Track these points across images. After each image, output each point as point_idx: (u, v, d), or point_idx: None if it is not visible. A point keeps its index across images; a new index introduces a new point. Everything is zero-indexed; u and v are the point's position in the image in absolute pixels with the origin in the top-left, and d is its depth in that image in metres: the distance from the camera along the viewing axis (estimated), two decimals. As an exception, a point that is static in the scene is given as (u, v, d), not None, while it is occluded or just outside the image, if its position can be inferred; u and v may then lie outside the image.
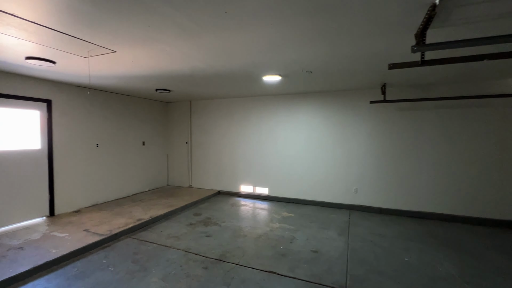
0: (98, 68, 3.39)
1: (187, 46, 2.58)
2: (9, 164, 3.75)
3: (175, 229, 3.92)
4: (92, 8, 1.87)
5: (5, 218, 3.71)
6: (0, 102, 3.64)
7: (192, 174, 6.60)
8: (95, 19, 2.05)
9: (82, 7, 1.85)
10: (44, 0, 1.76)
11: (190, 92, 5.27)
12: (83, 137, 4.75)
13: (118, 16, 1.97)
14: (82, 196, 4.74)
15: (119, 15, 1.95)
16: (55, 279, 2.58)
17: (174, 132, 6.82)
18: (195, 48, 2.65)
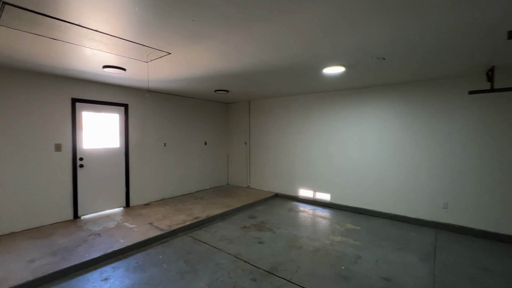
0: (160, 72, 3.59)
1: (236, 40, 2.40)
2: (99, 160, 4.38)
3: (229, 231, 3.85)
4: (149, 14, 1.89)
5: (94, 206, 4.35)
6: (92, 108, 4.29)
7: (250, 174, 6.55)
8: (152, 24, 2.07)
9: (146, 15, 1.90)
10: (120, 15, 1.89)
11: (248, 91, 5.18)
12: (152, 137, 5.22)
13: (167, 15, 1.92)
14: (151, 191, 5.21)
15: (167, 14, 1.90)
16: (118, 268, 2.78)
17: (234, 132, 6.92)
18: (245, 41, 2.44)
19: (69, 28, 2.14)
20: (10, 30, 2.20)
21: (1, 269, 2.59)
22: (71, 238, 3.35)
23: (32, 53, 2.80)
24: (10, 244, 3.16)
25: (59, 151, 3.92)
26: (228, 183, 7.09)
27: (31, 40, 2.43)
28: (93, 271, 2.73)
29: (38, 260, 2.78)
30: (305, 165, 5.54)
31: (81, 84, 4.14)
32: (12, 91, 3.48)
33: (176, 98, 5.66)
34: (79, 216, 4.18)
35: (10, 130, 3.48)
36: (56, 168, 3.91)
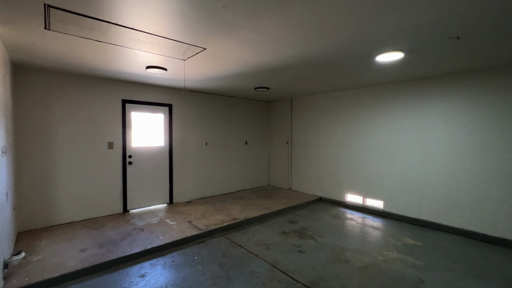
0: (198, 70, 3.56)
1: (271, 27, 2.16)
2: (146, 158, 4.62)
3: (267, 236, 3.63)
4: (184, 6, 1.80)
5: (141, 201, 4.60)
6: (140, 108, 4.54)
7: (292, 175, 6.22)
8: (187, 17, 1.99)
9: (182, 8, 1.83)
10: (161, 12, 1.86)
11: (289, 88, 4.88)
12: (194, 136, 5.32)
13: (200, 6, 1.79)
14: (193, 189, 5.31)
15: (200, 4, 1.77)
16: (155, 266, 2.80)
17: (275, 131, 6.68)
18: (281, 28, 2.19)
19: (111, 28, 2.18)
20: (61, 35, 2.36)
21: (58, 255, 2.83)
22: (118, 231, 3.54)
23: (82, 57, 3.01)
24: (69, 232, 3.49)
25: (111, 149, 4.23)
26: (269, 184, 6.89)
27: (80, 44, 2.59)
28: (133, 265, 2.80)
29: (88, 250, 2.97)
30: (353, 167, 4.98)
31: (130, 86, 4.41)
32: (73, 95, 3.86)
33: (217, 98, 5.69)
34: (128, 210, 4.45)
35: (72, 130, 3.86)
36: (109, 165, 4.22)
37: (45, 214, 3.68)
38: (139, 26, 2.16)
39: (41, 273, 2.47)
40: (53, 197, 3.73)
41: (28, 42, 2.53)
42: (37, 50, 2.77)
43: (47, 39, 2.45)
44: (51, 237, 3.34)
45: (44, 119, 3.64)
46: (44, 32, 2.29)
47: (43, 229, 3.62)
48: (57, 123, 3.74)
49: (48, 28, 2.20)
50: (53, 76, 3.68)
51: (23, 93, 3.47)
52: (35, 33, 2.31)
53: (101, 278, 2.55)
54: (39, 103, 3.59)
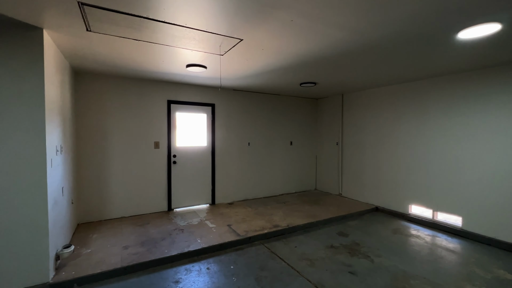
0: (236, 65, 3.35)
1: (315, 4, 1.78)
2: (189, 158, 4.67)
3: (312, 249, 3.21)
4: None
5: (184, 200, 4.65)
6: (184, 108, 4.60)
7: (343, 180, 5.59)
8: (219, 3, 1.77)
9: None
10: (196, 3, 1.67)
11: (340, 82, 4.33)
12: (237, 136, 5.17)
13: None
14: (235, 191, 5.17)
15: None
16: (190, 272, 2.67)
17: (324, 131, 6.11)
18: (329, 4, 1.78)
19: (144, 24, 2.10)
20: (102, 37, 2.40)
21: (104, 250, 2.95)
22: (160, 230, 3.57)
23: (125, 58, 3.08)
24: (117, 227, 3.67)
25: (157, 149, 4.36)
26: (316, 188, 6.35)
27: (120, 45, 2.62)
28: (169, 268, 2.73)
29: (130, 247, 3.03)
30: (420, 173, 4.15)
31: (174, 87, 4.48)
32: (124, 97, 4.08)
33: (261, 96, 5.45)
34: (172, 209, 4.54)
35: (123, 131, 4.08)
36: (155, 164, 4.36)
37: (100, 208, 3.96)
38: (171, 19, 2.03)
39: (86, 268, 2.57)
40: (106, 193, 3.99)
41: (77, 46, 2.67)
42: (86, 54, 2.92)
43: (91, 41, 2.53)
44: (103, 230, 3.55)
45: (99, 121, 3.91)
46: (88, 35, 2.36)
47: (98, 222, 3.89)
48: (110, 124, 3.99)
49: (90, 30, 2.24)
50: (106, 80, 3.94)
51: (82, 97, 3.79)
52: (80, 36, 2.39)
53: (138, 279, 2.52)
54: (95, 106, 3.88)
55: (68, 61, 3.20)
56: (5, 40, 2.10)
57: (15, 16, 1.98)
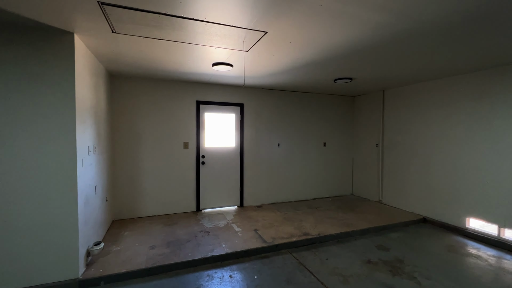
0: (262, 61, 3.16)
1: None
2: (218, 159, 4.62)
3: (345, 263, 2.87)
4: None
5: (212, 201, 4.62)
6: (212, 109, 4.56)
7: (383, 185, 5.03)
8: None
9: None
10: None
11: (381, 76, 3.87)
12: (266, 137, 4.98)
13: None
14: (264, 193, 4.99)
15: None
16: (212, 278, 2.56)
17: (361, 131, 5.60)
18: (366, -22, 1.49)
19: (164, 21, 2.04)
20: (128, 39, 2.41)
21: (131, 249, 3.00)
22: (186, 231, 3.55)
23: (151, 58, 3.09)
24: (147, 226, 3.74)
25: (186, 149, 4.39)
26: (352, 193, 5.86)
27: (146, 46, 2.61)
28: (191, 273, 2.65)
29: (157, 248, 3.04)
30: (481, 180, 3.50)
31: (203, 87, 4.46)
32: (155, 99, 4.17)
33: (291, 94, 5.18)
34: (201, 209, 4.53)
35: (154, 131, 4.18)
36: (185, 164, 4.39)
37: (133, 206, 4.10)
38: (189, 13, 1.92)
39: (113, 266, 2.62)
40: (139, 192, 4.12)
41: (106, 49, 2.74)
42: (115, 56, 3.00)
43: (118, 43, 2.56)
44: (134, 228, 3.66)
45: (132, 122, 4.06)
46: (113, 37, 2.38)
47: (131, 219, 4.04)
48: (142, 125, 4.11)
49: (114, 31, 2.25)
50: (138, 82, 4.07)
51: (116, 99, 3.96)
52: (107, 38, 2.43)
53: (160, 282, 2.48)
54: (128, 108, 4.03)
55: (103, 65, 3.35)
56: (39, 45, 2.21)
57: (47, 21, 2.06)
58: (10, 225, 2.17)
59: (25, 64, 2.17)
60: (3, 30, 2.11)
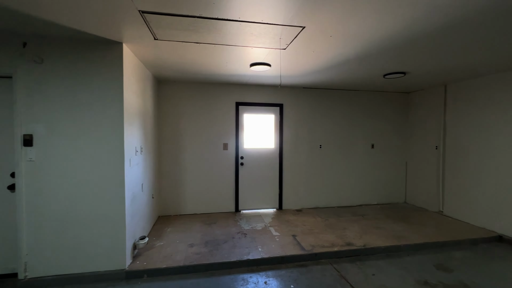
0: (301, 60, 2.99)
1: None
2: (256, 160, 4.60)
3: (395, 281, 2.53)
4: None
5: (251, 203, 4.60)
6: (251, 110, 4.55)
7: (444, 194, 4.36)
8: None
9: None
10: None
11: (442, 69, 3.34)
12: (307, 137, 4.77)
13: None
14: (304, 197, 4.78)
15: None
16: (247, 283, 2.50)
17: (417, 132, 4.96)
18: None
19: (200, 24, 2.06)
20: (169, 45, 2.51)
21: (172, 246, 3.14)
22: (224, 232, 3.59)
23: (192, 62, 3.19)
24: (188, 224, 3.90)
25: (226, 150, 4.46)
26: (405, 201, 5.23)
27: (186, 50, 2.69)
28: (226, 275, 2.64)
29: (195, 246, 3.12)
30: None
31: (242, 88, 4.48)
32: (196, 102, 4.33)
33: (334, 93, 4.86)
34: (239, 210, 4.55)
35: (196, 133, 4.35)
36: (224, 165, 4.46)
37: (177, 203, 4.33)
38: (223, 14, 1.90)
39: (155, 260, 2.76)
40: (182, 190, 4.33)
41: (153, 56, 2.92)
42: (161, 63, 3.18)
43: (160, 50, 2.70)
44: (176, 225, 3.84)
45: (176, 124, 4.28)
46: (156, 43, 2.51)
47: (174, 216, 4.26)
48: (185, 127, 4.31)
49: (156, 38, 2.36)
50: (181, 86, 4.27)
51: (162, 102, 4.22)
52: (151, 45, 2.57)
53: (196, 281, 2.53)
54: (172, 110, 4.26)
55: (150, 71, 3.59)
56: (93, 54, 2.45)
57: (97, 33, 2.27)
58: (71, 217, 2.45)
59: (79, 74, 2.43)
60: (59, 44, 2.39)
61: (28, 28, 2.16)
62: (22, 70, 2.32)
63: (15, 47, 2.31)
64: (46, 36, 2.33)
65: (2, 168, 2.41)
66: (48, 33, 2.25)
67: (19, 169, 2.33)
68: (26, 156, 2.34)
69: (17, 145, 2.32)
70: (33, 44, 2.33)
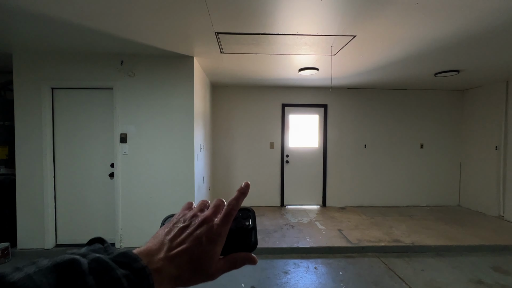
0: (350, 63, 3.16)
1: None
2: (301, 158, 4.85)
3: (447, 278, 2.57)
4: None
5: (295, 199, 4.87)
6: (296, 111, 4.82)
7: (505, 197, 4.09)
8: (340, 9, 1.83)
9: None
10: (309, 7, 1.85)
11: (502, 64, 3.21)
12: (351, 137, 4.86)
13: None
14: (348, 195, 4.88)
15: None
16: (298, 266, 2.79)
17: (474, 131, 4.69)
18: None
19: (263, 39, 2.41)
20: (231, 56, 2.92)
21: (229, 231, 3.56)
22: (272, 223, 3.91)
23: (248, 70, 3.58)
24: (240, 215, 4.31)
25: (272, 148, 4.79)
26: (459, 204, 4.97)
27: (245, 60, 3.08)
28: (279, 259, 2.96)
29: (249, 233, 3.50)
30: None
31: (288, 90, 4.76)
32: (245, 104, 4.75)
33: (381, 93, 4.86)
34: (284, 205, 4.85)
35: (245, 132, 4.77)
36: (271, 162, 4.80)
37: (227, 196, 4.72)
38: (285, 30, 2.21)
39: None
40: (232, 184, 4.79)
41: (214, 66, 3.38)
42: (220, 71, 3.63)
43: (223, 60, 3.13)
44: (229, 215, 4.28)
45: (228, 124, 4.74)
46: (221, 56, 2.94)
47: (226, 208, 4.72)
48: (235, 126, 4.75)
49: (222, 52, 2.79)
50: (232, 90, 4.72)
51: (216, 105, 4.72)
52: (216, 58, 3.01)
53: (253, 262, 2.89)
54: (224, 112, 4.73)
55: (208, 78, 4.10)
56: (171, 67, 2.97)
57: (175, 50, 2.77)
58: (153, 201, 3.01)
59: (160, 85, 2.97)
60: (145, 60, 2.95)
61: (125, 49, 2.75)
62: (120, 83, 2.94)
63: (115, 65, 2.93)
64: (136, 55, 2.91)
65: (105, 160, 3.07)
66: (138, 52, 2.82)
67: (117, 160, 2.96)
68: (122, 151, 2.96)
69: (116, 142, 2.95)
70: (128, 62, 2.93)
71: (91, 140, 3.02)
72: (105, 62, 2.92)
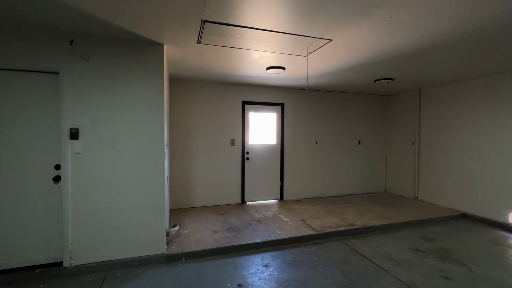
0: (317, 66, 3.44)
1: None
2: (260, 155, 4.96)
3: (394, 250, 3.10)
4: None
5: (255, 195, 4.96)
6: (256, 108, 4.91)
7: (419, 182, 5.17)
8: (315, 10, 1.92)
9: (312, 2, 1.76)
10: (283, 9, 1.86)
11: (421, 76, 4.04)
12: (305, 135, 5.27)
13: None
14: (302, 188, 5.28)
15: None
16: (276, 258, 2.88)
17: (395, 130, 5.75)
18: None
19: (245, 33, 2.38)
20: (204, 47, 2.78)
21: (198, 233, 3.39)
22: (240, 220, 3.91)
23: (214, 64, 3.46)
24: (202, 215, 4.14)
25: (233, 146, 4.76)
26: (386, 190, 6.01)
27: (213, 53, 2.97)
28: (255, 254, 2.99)
29: (219, 232, 3.41)
30: (525, 178, 3.60)
31: (249, 88, 4.82)
32: (206, 100, 4.57)
33: (329, 95, 5.43)
34: (245, 202, 4.89)
35: (205, 129, 4.58)
36: (231, 159, 4.76)
37: (187, 197, 4.52)
38: (274, 27, 2.24)
39: (189, 245, 3.00)
40: (191, 183, 4.54)
41: (182, 57, 3.14)
42: (185, 63, 3.40)
43: (195, 52, 2.94)
44: (191, 216, 4.06)
45: (186, 120, 4.47)
46: (195, 46, 2.76)
47: (185, 209, 4.46)
48: (194, 123, 4.52)
49: (199, 42, 2.62)
50: (193, 85, 4.48)
51: (175, 100, 4.39)
52: (189, 48, 2.81)
53: (232, 260, 2.84)
54: (183, 108, 4.44)
55: (169, 69, 3.77)
56: (136, 54, 2.62)
57: (143, 34, 2.46)
58: (115, 206, 2.60)
59: (122, 73, 2.60)
60: (104, 43, 2.53)
61: (78, 26, 2.28)
62: (68, 66, 2.42)
63: (63, 44, 2.40)
64: (91, 35, 2.45)
65: (47, 160, 2.47)
66: (94, 32, 2.38)
67: (65, 161, 2.43)
68: (73, 149, 2.45)
69: (64, 138, 2.42)
70: (81, 43, 2.44)
71: (28, 135, 2.39)
72: (49, 39, 2.35)
